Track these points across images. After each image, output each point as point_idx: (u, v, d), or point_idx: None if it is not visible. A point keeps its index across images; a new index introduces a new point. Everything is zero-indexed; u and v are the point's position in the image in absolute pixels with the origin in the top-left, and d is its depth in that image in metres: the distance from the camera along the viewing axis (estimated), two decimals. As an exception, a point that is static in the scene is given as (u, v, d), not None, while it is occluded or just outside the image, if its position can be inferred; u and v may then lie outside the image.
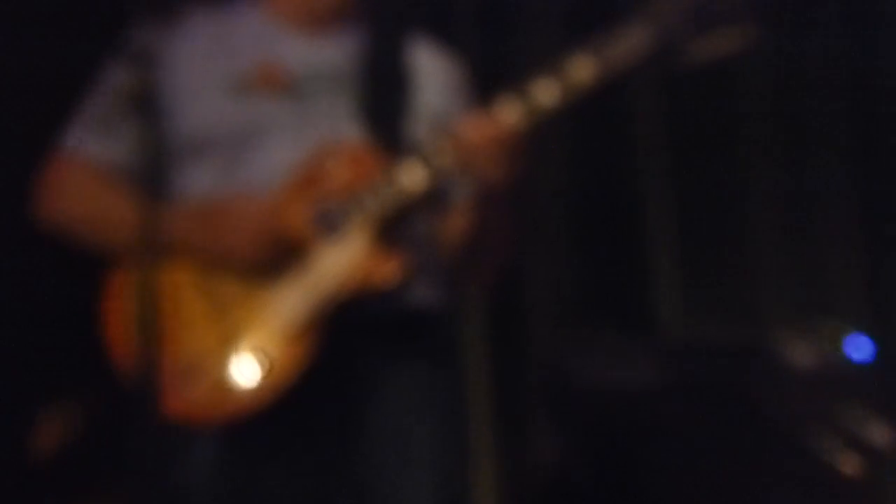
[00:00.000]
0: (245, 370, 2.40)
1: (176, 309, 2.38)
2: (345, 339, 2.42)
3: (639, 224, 3.84)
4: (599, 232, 3.87)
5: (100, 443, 3.04)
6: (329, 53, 2.58)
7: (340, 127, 2.51)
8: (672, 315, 3.84)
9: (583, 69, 2.31)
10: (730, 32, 2.28)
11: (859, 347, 3.20)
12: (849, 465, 3.02)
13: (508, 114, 2.33)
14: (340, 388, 2.45)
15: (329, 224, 2.44)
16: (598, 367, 3.27)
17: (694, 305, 3.84)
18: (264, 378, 2.38)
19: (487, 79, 2.50)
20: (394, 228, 2.45)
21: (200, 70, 2.53)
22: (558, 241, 3.85)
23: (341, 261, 2.42)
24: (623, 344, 3.46)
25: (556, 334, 3.76)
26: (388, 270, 2.41)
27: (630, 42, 2.30)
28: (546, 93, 2.32)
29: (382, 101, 2.54)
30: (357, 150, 2.48)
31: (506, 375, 3.65)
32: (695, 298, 3.84)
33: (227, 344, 2.40)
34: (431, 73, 2.63)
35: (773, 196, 3.88)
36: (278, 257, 2.41)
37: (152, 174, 2.06)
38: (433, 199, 2.47)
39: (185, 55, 2.52)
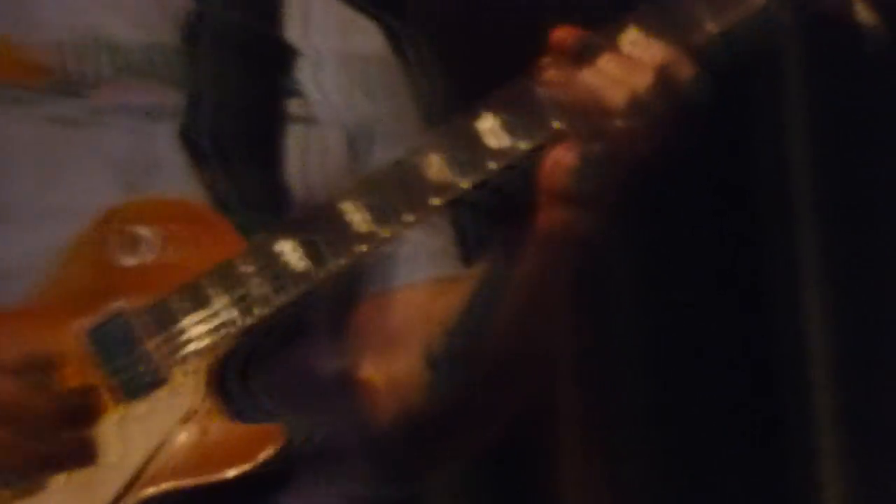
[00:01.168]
0: None
1: None
2: None
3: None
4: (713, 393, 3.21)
5: None
6: (127, 13, 1.95)
7: (149, 153, 1.89)
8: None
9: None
10: None
11: None
12: None
13: (643, 46, 1.81)
14: None
15: (128, 364, 1.77)
16: None
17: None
18: None
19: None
20: (261, 364, 1.76)
21: None
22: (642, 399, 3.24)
23: (151, 436, 1.76)
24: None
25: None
26: (248, 450, 1.73)
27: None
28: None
29: (232, 107, 1.91)
30: (184, 209, 1.85)
31: None
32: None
33: None
34: (333, 50, 1.99)
35: None
36: (30, 438, 1.75)
37: None
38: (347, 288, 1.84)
39: None
